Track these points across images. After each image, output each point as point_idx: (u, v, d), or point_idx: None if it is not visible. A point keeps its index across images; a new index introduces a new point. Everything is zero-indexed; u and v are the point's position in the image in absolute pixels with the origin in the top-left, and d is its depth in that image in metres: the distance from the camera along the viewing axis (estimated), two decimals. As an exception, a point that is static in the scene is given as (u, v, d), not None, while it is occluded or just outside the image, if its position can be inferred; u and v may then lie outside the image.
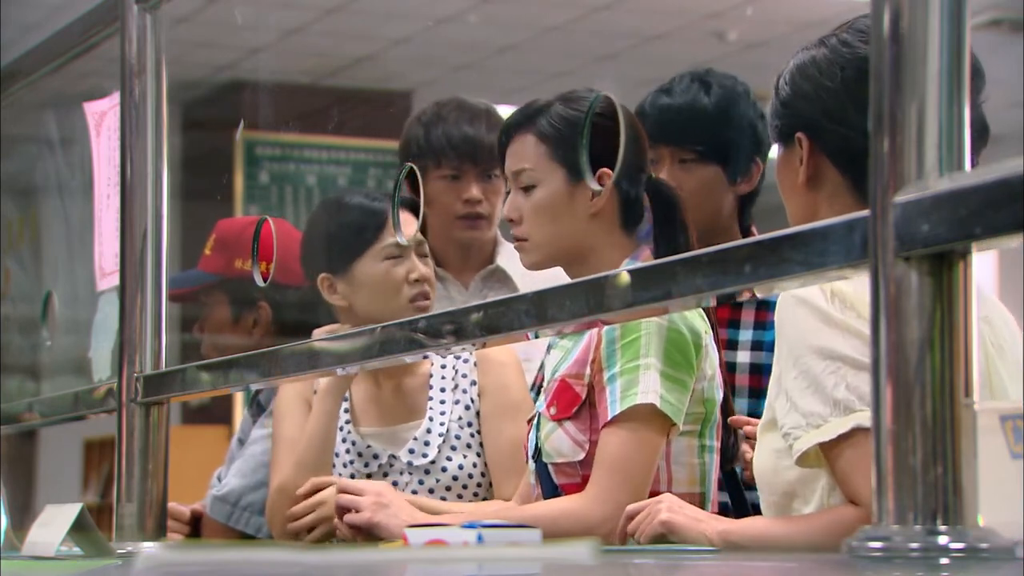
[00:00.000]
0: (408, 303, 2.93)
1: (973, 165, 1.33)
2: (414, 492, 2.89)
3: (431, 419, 2.94)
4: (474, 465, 2.92)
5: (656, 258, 2.48)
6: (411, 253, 2.96)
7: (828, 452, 2.00)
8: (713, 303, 2.51)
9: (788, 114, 2.16)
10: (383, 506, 2.67)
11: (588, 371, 2.53)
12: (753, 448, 2.42)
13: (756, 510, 2.40)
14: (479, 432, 2.95)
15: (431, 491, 2.89)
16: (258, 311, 3.43)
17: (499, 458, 2.91)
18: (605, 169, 2.46)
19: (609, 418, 2.47)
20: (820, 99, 2.11)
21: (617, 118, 2.32)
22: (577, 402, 2.52)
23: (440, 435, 2.92)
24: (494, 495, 2.92)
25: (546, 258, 2.60)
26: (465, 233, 3.29)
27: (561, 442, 2.53)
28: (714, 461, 2.57)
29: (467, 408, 2.95)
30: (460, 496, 2.90)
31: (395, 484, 2.89)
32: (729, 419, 2.54)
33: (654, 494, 2.41)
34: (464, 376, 2.98)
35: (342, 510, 2.72)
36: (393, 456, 2.92)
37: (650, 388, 2.46)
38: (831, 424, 1.96)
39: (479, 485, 2.92)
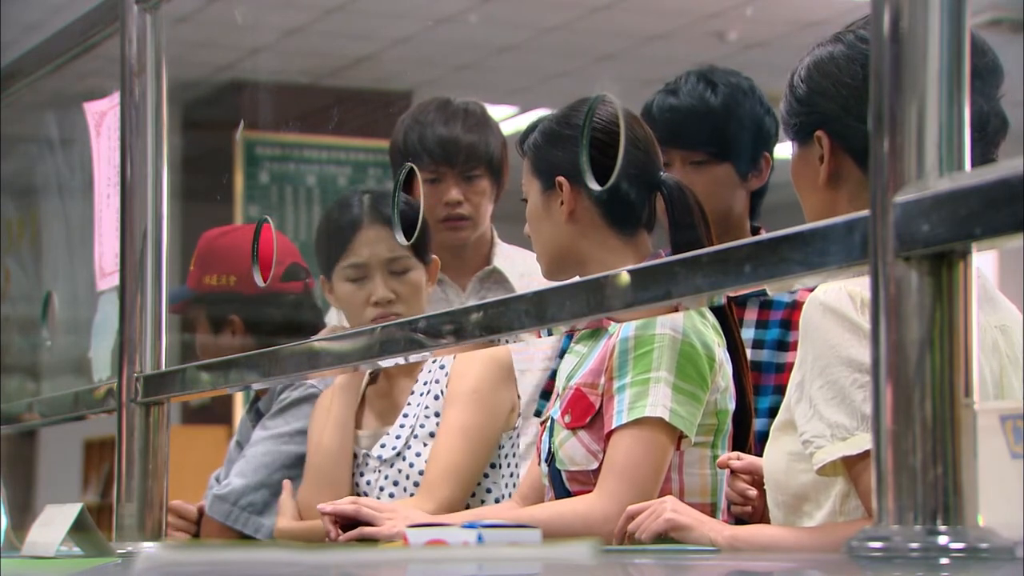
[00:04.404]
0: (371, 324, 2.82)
1: (994, 157, 1.32)
2: (381, 488, 2.86)
3: (405, 415, 2.91)
4: None
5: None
6: (375, 273, 2.87)
7: (851, 465, 1.98)
8: (724, 302, 2.53)
9: (806, 112, 2.13)
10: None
11: (602, 380, 2.53)
12: (742, 479, 2.42)
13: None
14: None
15: (395, 483, 2.85)
16: (232, 324, 3.40)
17: (435, 442, 2.82)
18: (559, 177, 2.56)
19: (613, 426, 2.48)
20: (840, 96, 2.09)
21: (587, 123, 2.33)
22: (591, 411, 2.53)
23: (410, 427, 2.89)
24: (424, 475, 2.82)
25: (549, 267, 2.64)
26: (448, 236, 3.22)
27: (575, 450, 2.53)
28: (725, 472, 2.56)
29: (436, 398, 2.89)
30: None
31: (368, 483, 2.88)
32: (717, 462, 2.51)
33: None
34: (441, 367, 2.92)
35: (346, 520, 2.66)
36: (367, 454, 2.90)
37: (659, 402, 2.46)
38: (857, 438, 1.95)
39: None
